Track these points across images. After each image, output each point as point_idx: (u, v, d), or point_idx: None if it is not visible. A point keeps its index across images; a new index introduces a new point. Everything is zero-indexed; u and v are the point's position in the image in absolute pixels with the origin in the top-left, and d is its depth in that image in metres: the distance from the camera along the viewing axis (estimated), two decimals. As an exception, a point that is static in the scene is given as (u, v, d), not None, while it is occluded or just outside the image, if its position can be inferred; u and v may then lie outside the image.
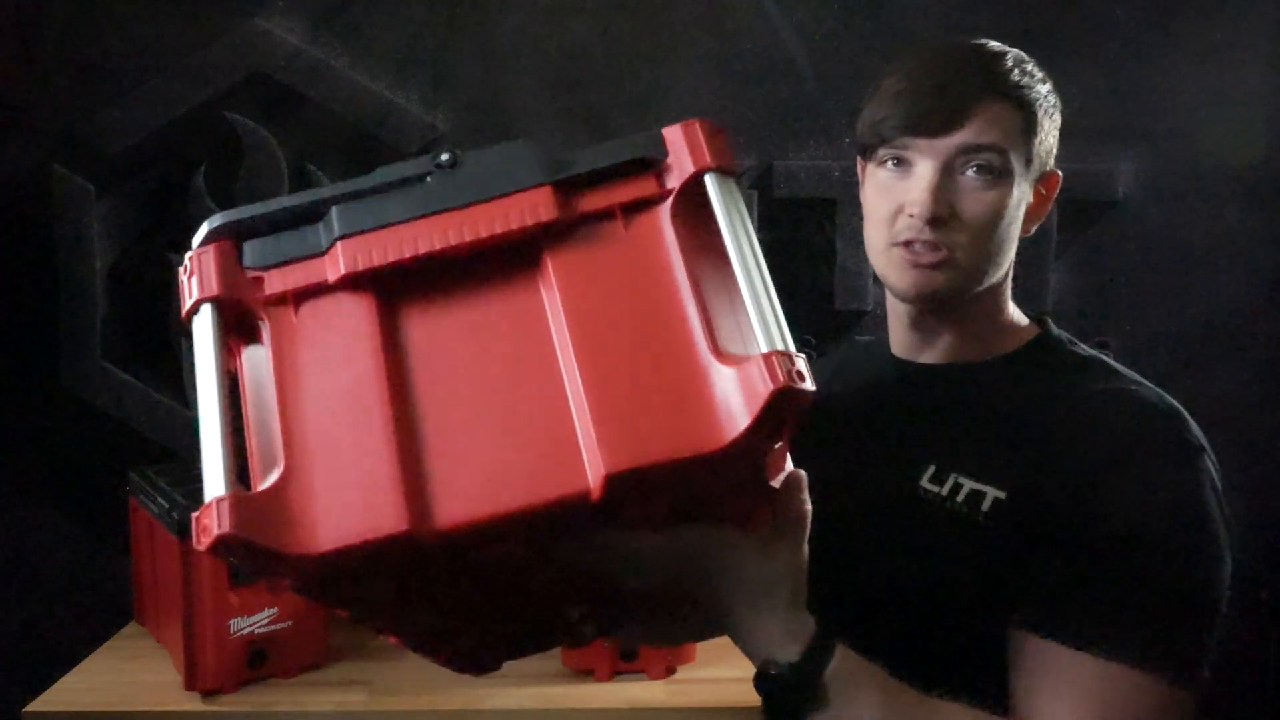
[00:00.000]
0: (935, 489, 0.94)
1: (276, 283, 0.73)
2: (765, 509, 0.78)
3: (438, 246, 0.71)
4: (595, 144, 0.75)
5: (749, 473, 0.74)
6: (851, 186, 1.99)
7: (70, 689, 1.54)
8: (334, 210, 0.74)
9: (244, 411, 0.71)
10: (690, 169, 0.73)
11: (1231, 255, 2.06)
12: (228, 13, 1.94)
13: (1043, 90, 0.96)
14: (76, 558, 2.04)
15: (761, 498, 0.78)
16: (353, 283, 0.72)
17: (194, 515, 0.65)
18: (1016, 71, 0.94)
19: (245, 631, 1.52)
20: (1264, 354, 2.08)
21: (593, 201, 0.73)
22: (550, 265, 0.72)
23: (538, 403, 0.68)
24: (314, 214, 0.75)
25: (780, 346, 0.67)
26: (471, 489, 0.66)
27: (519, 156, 0.75)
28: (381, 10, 1.97)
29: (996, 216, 0.93)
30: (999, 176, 0.93)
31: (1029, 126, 0.94)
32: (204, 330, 0.71)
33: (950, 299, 0.97)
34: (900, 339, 1.06)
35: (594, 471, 0.65)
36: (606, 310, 0.70)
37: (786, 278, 2.03)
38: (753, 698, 0.79)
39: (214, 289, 0.71)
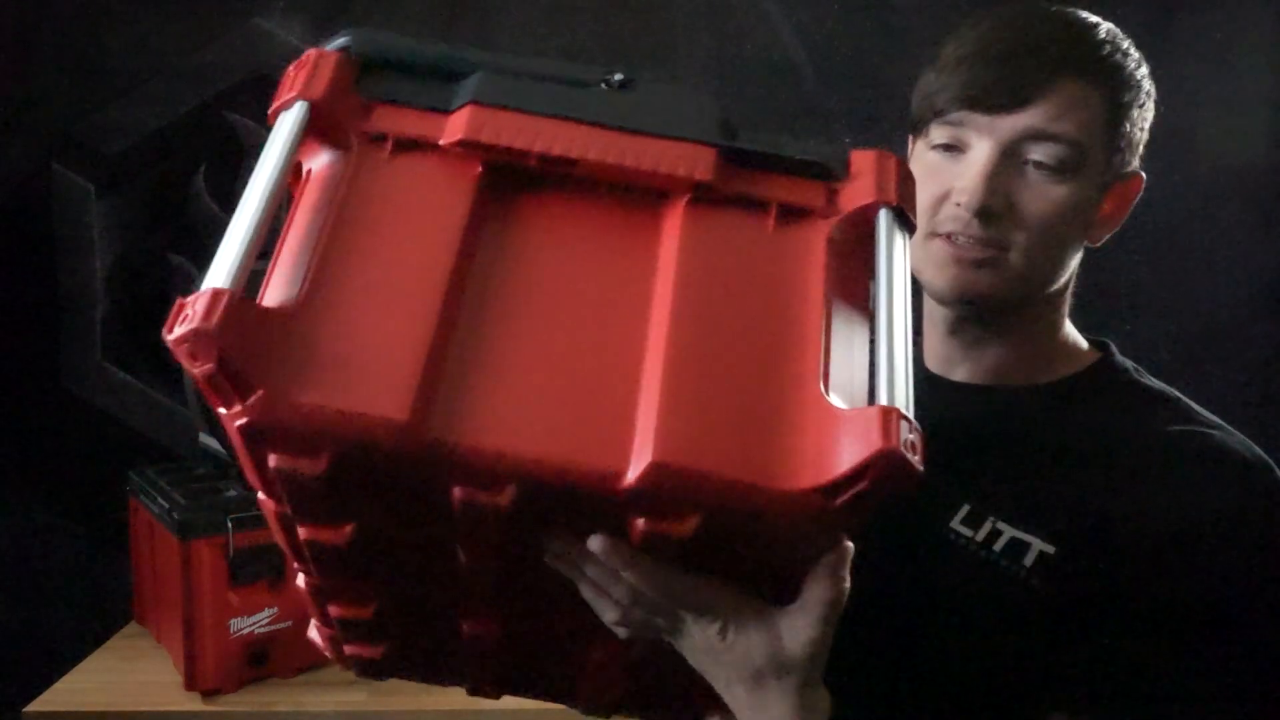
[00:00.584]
0: (968, 533, 0.79)
1: (385, 121, 0.65)
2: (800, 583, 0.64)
3: (574, 155, 0.63)
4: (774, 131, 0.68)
5: (802, 543, 0.61)
6: (851, 186, 1.99)
7: (70, 689, 1.53)
8: (480, 74, 0.66)
9: (284, 232, 0.63)
10: (871, 197, 0.65)
11: (1231, 255, 2.06)
12: (227, 13, 1.94)
13: (1138, 74, 0.81)
14: (76, 558, 2.04)
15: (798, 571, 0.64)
16: (466, 153, 0.64)
17: (180, 299, 0.55)
18: (1107, 47, 0.79)
19: (245, 631, 1.52)
20: (1263, 354, 2.08)
21: (753, 186, 0.65)
22: (681, 228, 0.64)
23: (609, 360, 0.59)
24: (458, 71, 0.67)
25: (903, 408, 0.57)
26: (496, 416, 0.57)
27: (697, 107, 0.67)
28: (381, 10, 1.97)
29: (1061, 218, 0.78)
30: (1070, 172, 0.77)
31: (1114, 116, 0.79)
32: (286, 127, 0.63)
33: (996, 307, 0.81)
34: (936, 350, 0.89)
35: (638, 458, 0.55)
36: (721, 299, 0.62)
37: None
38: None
39: (317, 92, 0.64)
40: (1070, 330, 0.89)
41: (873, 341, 0.63)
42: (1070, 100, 0.76)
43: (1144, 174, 0.85)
